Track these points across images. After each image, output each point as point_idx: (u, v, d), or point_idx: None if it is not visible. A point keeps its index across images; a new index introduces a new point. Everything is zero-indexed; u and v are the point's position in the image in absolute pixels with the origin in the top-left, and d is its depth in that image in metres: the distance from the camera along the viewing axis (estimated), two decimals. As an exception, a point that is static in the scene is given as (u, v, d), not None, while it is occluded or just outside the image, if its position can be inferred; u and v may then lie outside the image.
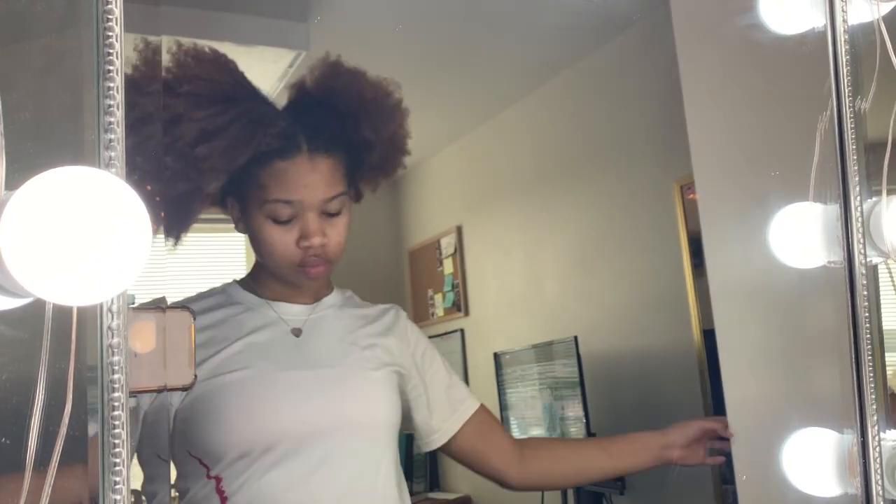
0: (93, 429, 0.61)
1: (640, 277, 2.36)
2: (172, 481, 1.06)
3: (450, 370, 1.26)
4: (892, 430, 1.01)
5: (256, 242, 1.09)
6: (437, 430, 1.22)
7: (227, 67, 1.06)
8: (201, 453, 1.03)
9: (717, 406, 2.08)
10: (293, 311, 1.12)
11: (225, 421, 1.02)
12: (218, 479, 1.03)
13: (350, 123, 1.09)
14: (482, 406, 1.30)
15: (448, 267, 3.50)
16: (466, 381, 3.35)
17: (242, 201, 1.08)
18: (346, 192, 1.08)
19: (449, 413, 1.23)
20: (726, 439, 1.21)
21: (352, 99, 1.09)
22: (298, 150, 1.03)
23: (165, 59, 0.97)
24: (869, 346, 0.99)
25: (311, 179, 1.03)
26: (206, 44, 1.02)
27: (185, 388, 0.82)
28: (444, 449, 1.23)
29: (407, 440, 2.46)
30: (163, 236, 1.00)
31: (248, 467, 1.02)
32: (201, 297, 1.13)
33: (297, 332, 1.10)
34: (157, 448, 1.02)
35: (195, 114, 0.98)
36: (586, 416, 2.34)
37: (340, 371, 1.09)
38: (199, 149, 0.97)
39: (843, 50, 1.02)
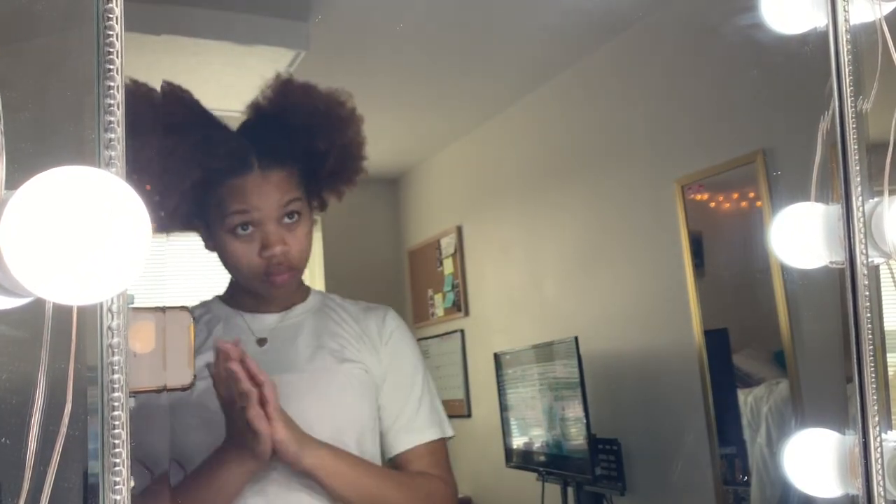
0: (93, 429, 0.61)
1: (641, 277, 2.36)
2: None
3: (425, 389, 1.22)
4: (894, 431, 1.01)
5: (223, 258, 1.12)
6: (387, 444, 1.20)
7: (181, 98, 1.08)
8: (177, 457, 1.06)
9: (717, 406, 2.08)
10: (263, 322, 1.14)
11: (184, 433, 1.05)
12: None
13: (303, 136, 1.11)
14: (433, 443, 1.21)
15: (448, 267, 3.50)
16: (466, 381, 3.35)
17: (205, 221, 1.11)
18: (301, 199, 1.10)
19: (402, 434, 1.19)
20: None
21: (304, 113, 1.11)
22: (250, 167, 1.06)
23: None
24: (870, 347, 0.99)
25: (264, 190, 1.06)
26: (175, 80, 1.04)
27: (184, 389, 0.83)
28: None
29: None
30: (163, 237, 1.01)
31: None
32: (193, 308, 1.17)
33: (261, 342, 1.13)
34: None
35: (146, 144, 0.99)
36: (586, 416, 2.33)
37: (301, 376, 1.09)
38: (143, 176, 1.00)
39: (845, 50, 1.02)
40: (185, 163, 1.03)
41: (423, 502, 1.12)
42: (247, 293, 1.14)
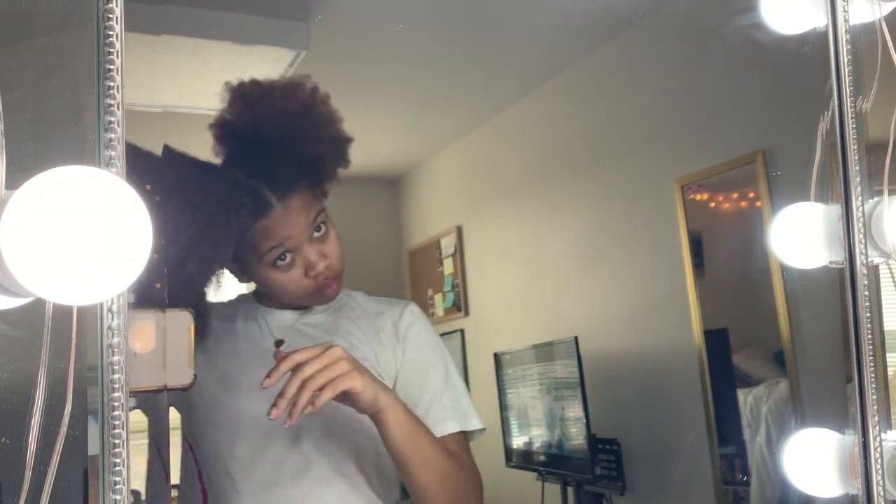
0: (93, 429, 0.61)
1: (641, 277, 2.36)
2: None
3: (446, 383, 1.17)
4: (894, 431, 1.01)
5: (269, 288, 1.12)
6: None
7: (180, 160, 1.06)
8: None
9: (717, 406, 2.08)
10: (283, 321, 1.15)
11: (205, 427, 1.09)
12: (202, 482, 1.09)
13: (293, 143, 1.10)
14: (452, 435, 1.16)
15: (448, 267, 3.50)
16: (466, 381, 3.35)
17: (239, 263, 1.11)
18: (322, 209, 1.10)
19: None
20: None
21: (279, 119, 1.09)
22: (271, 206, 1.06)
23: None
24: (870, 347, 0.99)
25: (291, 219, 1.07)
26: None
27: (184, 388, 0.83)
28: None
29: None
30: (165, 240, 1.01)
31: (222, 475, 1.07)
32: (220, 304, 1.17)
33: (278, 344, 1.14)
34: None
35: (167, 224, 0.99)
36: (586, 416, 2.33)
37: None
38: (190, 265, 1.01)
39: (845, 50, 1.02)
40: (211, 231, 1.03)
41: (468, 476, 1.12)
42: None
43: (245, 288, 1.19)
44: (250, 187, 1.06)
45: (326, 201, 1.13)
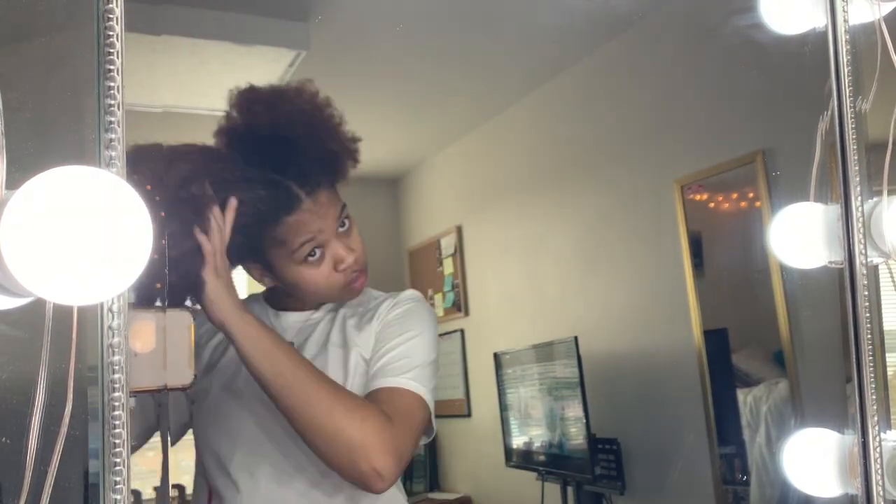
0: (93, 428, 0.61)
1: (641, 277, 2.36)
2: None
3: (417, 352, 1.10)
4: (893, 431, 1.01)
5: (297, 288, 1.11)
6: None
7: (216, 155, 1.07)
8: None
9: (717, 406, 2.08)
10: (290, 322, 1.16)
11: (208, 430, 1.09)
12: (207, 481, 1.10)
13: (314, 141, 1.10)
14: (399, 389, 1.05)
15: (448, 267, 3.50)
16: (466, 381, 3.35)
17: (265, 262, 1.10)
18: (345, 204, 1.12)
19: (373, 380, 1.09)
20: None
21: (298, 118, 1.10)
22: (299, 199, 1.05)
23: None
24: (870, 347, 0.99)
25: (321, 213, 1.07)
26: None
27: (184, 388, 0.83)
28: None
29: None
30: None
31: (225, 476, 1.08)
32: None
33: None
34: None
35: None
36: (586, 416, 2.34)
37: None
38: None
39: (844, 50, 1.02)
40: (243, 218, 1.03)
41: (352, 423, 0.96)
42: (284, 293, 1.15)
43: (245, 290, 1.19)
44: (272, 182, 1.05)
45: None
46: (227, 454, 1.08)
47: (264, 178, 1.05)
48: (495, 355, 2.88)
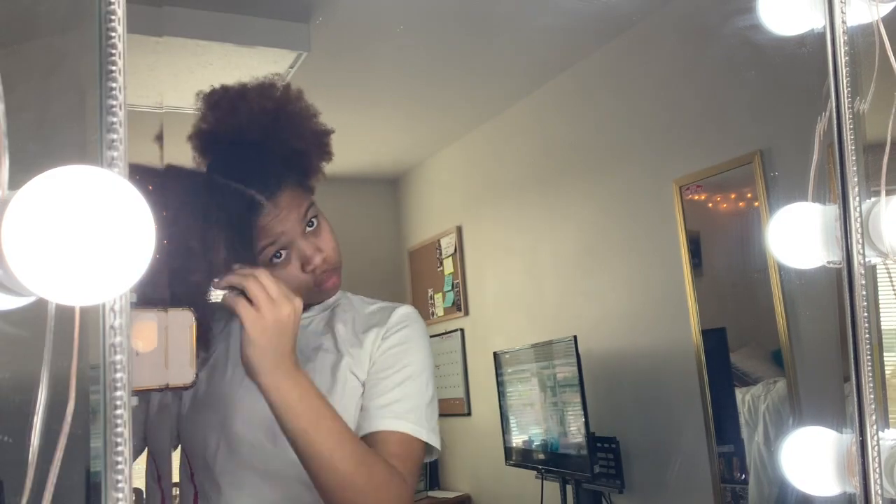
0: (95, 427, 0.61)
1: (640, 277, 2.37)
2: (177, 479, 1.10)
3: (418, 386, 1.10)
4: (891, 430, 1.01)
5: None
6: (359, 425, 1.10)
7: (181, 174, 1.07)
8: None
9: (715, 404, 2.08)
10: None
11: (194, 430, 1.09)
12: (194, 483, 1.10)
13: (276, 141, 1.09)
14: (406, 436, 1.06)
15: (448, 267, 3.50)
16: (466, 380, 3.35)
17: (238, 262, 1.08)
18: (312, 203, 1.10)
19: (375, 415, 1.09)
20: None
21: (258, 119, 1.09)
22: (259, 204, 1.05)
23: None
24: (868, 346, 1.00)
25: (282, 216, 1.06)
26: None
27: (186, 388, 0.83)
28: None
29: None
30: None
31: (207, 476, 1.08)
32: (218, 305, 1.15)
33: None
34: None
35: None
36: (585, 415, 2.34)
37: None
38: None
39: (842, 51, 1.02)
40: (205, 238, 1.03)
41: (377, 489, 0.97)
42: None
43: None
44: (235, 190, 1.05)
45: (324, 199, 1.13)
46: (212, 454, 1.08)
47: (226, 184, 1.06)
48: (495, 354, 2.88)
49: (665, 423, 2.27)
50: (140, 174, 1.00)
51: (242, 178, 1.05)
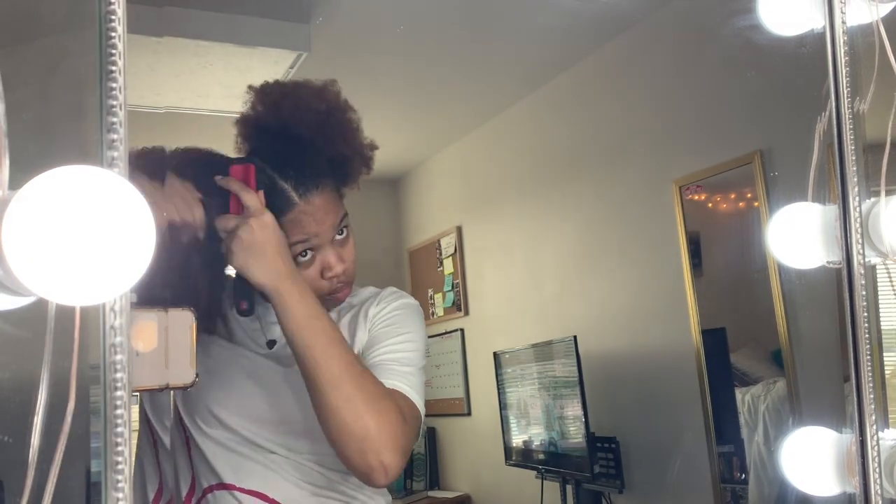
0: (95, 427, 0.61)
1: (640, 277, 2.37)
2: None
3: (409, 354, 1.09)
4: (891, 430, 1.01)
5: None
6: None
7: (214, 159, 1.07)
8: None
9: (715, 405, 2.08)
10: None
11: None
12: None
13: (323, 142, 1.09)
14: (400, 394, 1.04)
15: (448, 267, 3.51)
16: (466, 380, 3.36)
17: None
18: (346, 212, 1.10)
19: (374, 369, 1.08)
20: None
21: (309, 118, 1.08)
22: (292, 201, 1.04)
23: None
24: (867, 346, 1.00)
25: (320, 216, 1.05)
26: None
27: (186, 387, 0.83)
28: None
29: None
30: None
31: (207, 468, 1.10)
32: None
33: (270, 344, 1.13)
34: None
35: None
36: (585, 415, 2.34)
37: (292, 370, 1.08)
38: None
39: (842, 51, 1.02)
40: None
41: (370, 414, 0.94)
42: None
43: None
44: (274, 182, 1.04)
45: None
46: (209, 452, 1.08)
47: (265, 175, 1.05)
48: (495, 354, 2.88)
49: (665, 423, 2.27)
50: (161, 157, 1.01)
51: (283, 171, 1.05)
